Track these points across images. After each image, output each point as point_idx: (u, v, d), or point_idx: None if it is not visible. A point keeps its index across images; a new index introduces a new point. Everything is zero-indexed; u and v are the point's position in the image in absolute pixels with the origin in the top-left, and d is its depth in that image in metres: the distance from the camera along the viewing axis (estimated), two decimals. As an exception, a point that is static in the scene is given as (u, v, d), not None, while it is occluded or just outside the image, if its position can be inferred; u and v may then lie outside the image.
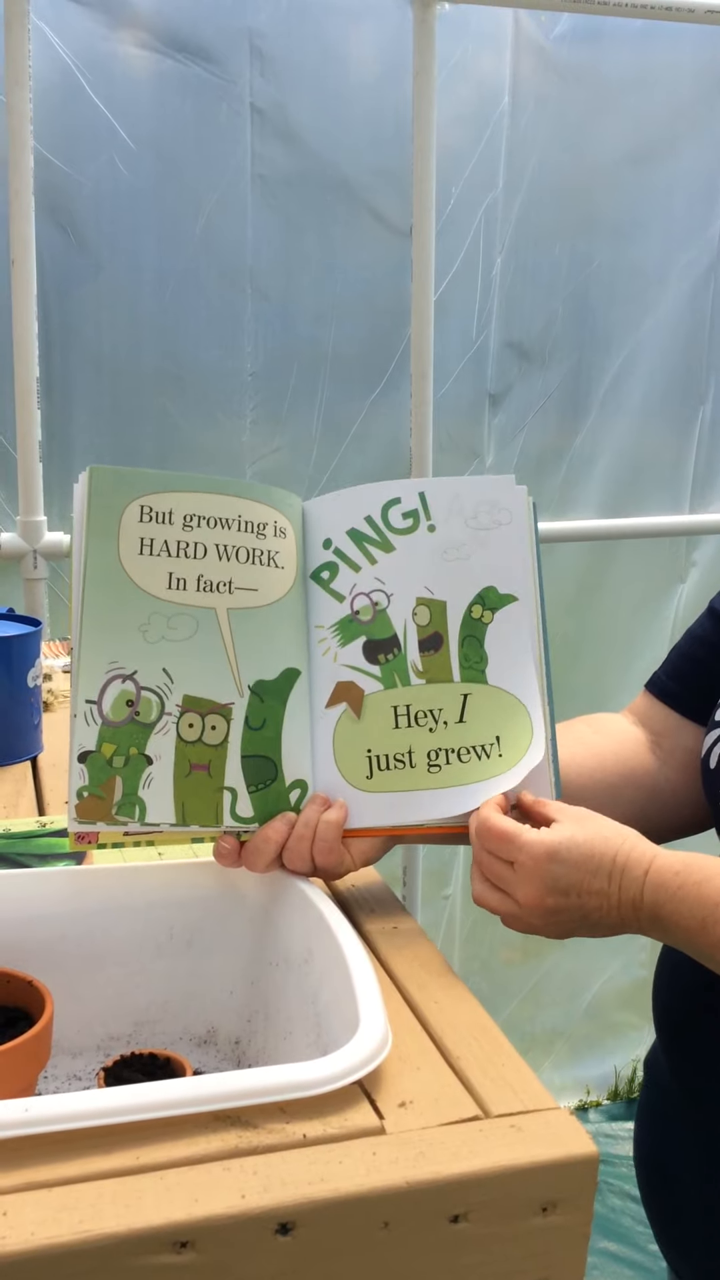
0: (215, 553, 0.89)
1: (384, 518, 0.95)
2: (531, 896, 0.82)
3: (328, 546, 0.95)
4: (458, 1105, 0.68)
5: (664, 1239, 1.02)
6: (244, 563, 0.90)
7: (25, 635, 1.27)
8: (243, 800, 0.88)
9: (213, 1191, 0.59)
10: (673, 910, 0.80)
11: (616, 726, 1.09)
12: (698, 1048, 0.96)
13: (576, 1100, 2.54)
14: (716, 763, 0.94)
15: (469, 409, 2.15)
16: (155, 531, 0.87)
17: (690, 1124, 0.97)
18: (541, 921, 0.83)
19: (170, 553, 0.87)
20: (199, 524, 0.89)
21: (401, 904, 0.96)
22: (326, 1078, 0.66)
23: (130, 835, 0.86)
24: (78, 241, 1.86)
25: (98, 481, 0.87)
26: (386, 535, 0.94)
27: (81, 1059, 0.91)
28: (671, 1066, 1.00)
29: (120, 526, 0.87)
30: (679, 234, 2.20)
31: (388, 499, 0.95)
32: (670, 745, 1.05)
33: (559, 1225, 0.64)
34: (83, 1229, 0.56)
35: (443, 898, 2.36)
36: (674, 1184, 0.98)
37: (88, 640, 0.85)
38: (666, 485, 2.32)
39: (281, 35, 1.88)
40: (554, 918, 0.83)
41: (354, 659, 0.93)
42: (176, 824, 0.87)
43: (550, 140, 2.07)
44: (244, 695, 0.89)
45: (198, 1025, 0.93)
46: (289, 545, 0.93)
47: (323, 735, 0.93)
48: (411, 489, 0.95)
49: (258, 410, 2.01)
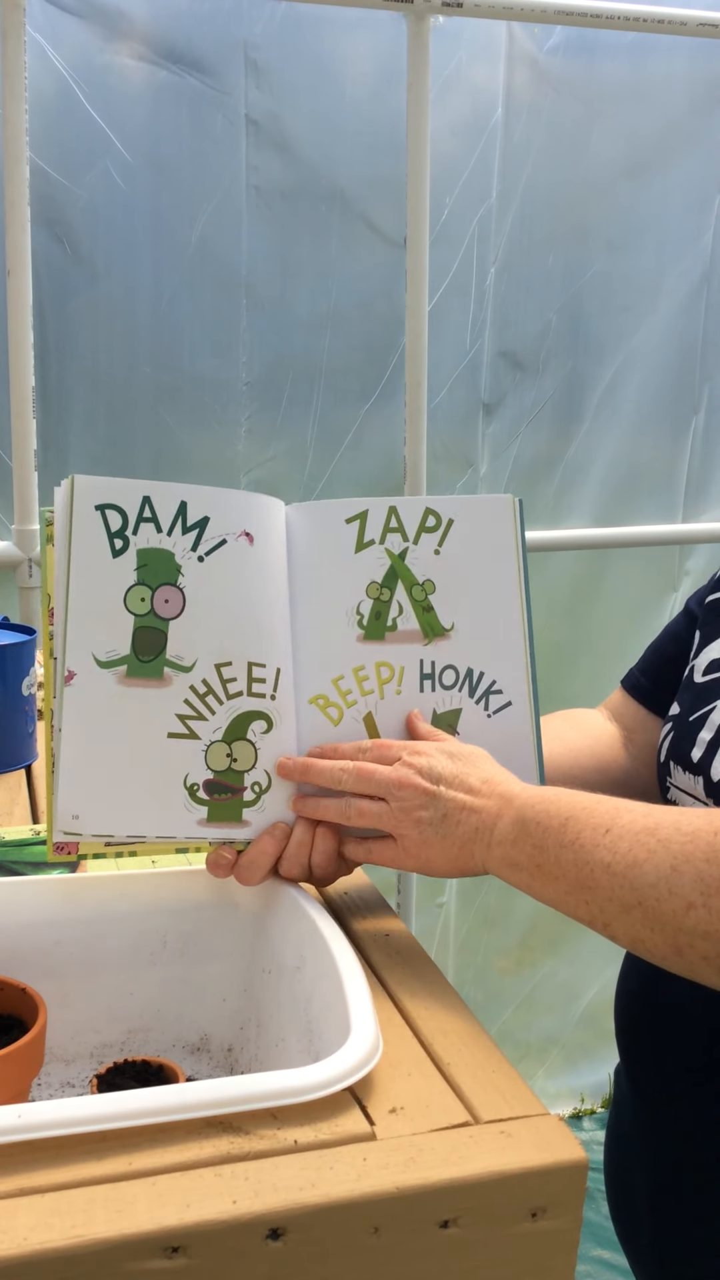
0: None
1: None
2: (404, 784, 0.85)
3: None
4: (448, 1111, 0.69)
5: (627, 1249, 1.03)
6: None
7: (20, 644, 1.28)
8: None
9: (204, 1197, 0.60)
10: (542, 810, 0.80)
11: (593, 722, 1.10)
12: (644, 1056, 0.97)
13: (571, 1108, 2.54)
14: (665, 755, 0.95)
15: (463, 418, 2.16)
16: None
17: (643, 1132, 0.97)
18: (411, 816, 0.85)
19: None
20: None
21: (393, 910, 0.97)
22: (317, 1084, 0.66)
23: (112, 845, 0.87)
24: (73, 252, 1.87)
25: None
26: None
27: (75, 1066, 0.91)
28: (628, 1076, 1.01)
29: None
30: (672, 244, 2.21)
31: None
32: (640, 741, 1.07)
33: (548, 1230, 0.65)
34: (75, 1234, 0.57)
35: (436, 905, 2.36)
36: (632, 1194, 0.99)
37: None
38: (660, 494, 2.33)
39: (276, 47, 1.89)
40: (423, 812, 0.85)
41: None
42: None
43: (543, 151, 2.08)
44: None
45: (191, 1033, 0.94)
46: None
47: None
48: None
49: (253, 419, 2.02)
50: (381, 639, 0.93)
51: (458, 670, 0.95)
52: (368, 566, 0.93)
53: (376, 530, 0.94)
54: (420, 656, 0.94)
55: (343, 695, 0.93)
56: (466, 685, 0.95)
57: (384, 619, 0.93)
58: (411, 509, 0.94)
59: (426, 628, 0.94)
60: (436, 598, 0.94)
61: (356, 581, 0.93)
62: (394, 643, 0.94)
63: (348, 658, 0.93)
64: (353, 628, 0.93)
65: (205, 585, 0.88)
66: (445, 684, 0.95)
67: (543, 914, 2.41)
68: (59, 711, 0.85)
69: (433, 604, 0.94)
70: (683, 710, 0.96)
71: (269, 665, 0.90)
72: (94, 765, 0.85)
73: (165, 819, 0.87)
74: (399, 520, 0.94)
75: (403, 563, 0.94)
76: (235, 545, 0.89)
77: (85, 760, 0.85)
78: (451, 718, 0.95)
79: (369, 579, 0.93)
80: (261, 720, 0.90)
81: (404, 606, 0.94)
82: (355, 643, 0.93)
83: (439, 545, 0.94)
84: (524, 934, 2.44)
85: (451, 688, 0.95)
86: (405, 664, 0.94)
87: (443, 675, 0.95)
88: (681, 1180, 0.91)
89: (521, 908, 2.41)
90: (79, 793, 0.85)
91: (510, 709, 0.96)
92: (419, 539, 0.94)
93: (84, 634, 0.85)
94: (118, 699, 0.86)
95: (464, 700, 0.95)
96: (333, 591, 0.93)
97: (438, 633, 0.94)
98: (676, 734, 0.95)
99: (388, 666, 0.94)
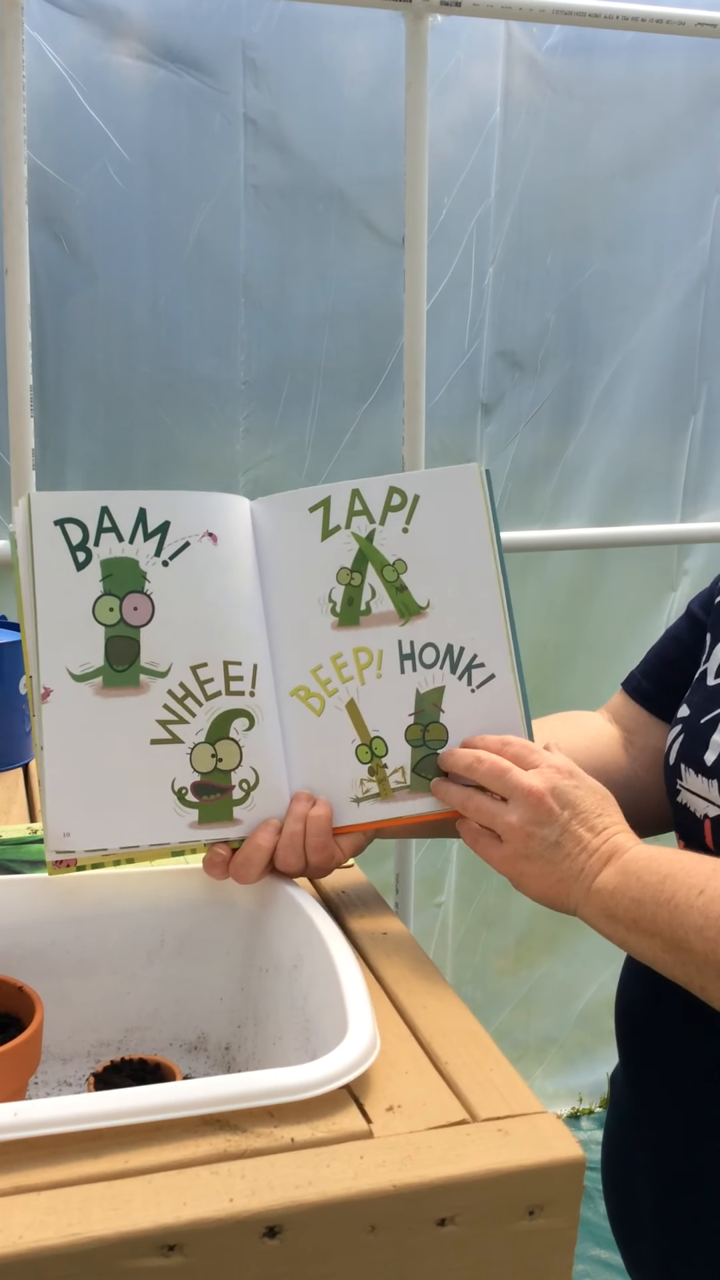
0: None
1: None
2: (534, 795, 0.85)
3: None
4: (445, 1109, 0.69)
5: (626, 1254, 1.02)
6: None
7: (16, 642, 1.27)
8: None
9: (201, 1195, 0.60)
10: (644, 866, 0.81)
11: (592, 723, 1.10)
12: (647, 1059, 0.97)
13: (569, 1108, 2.54)
14: (675, 758, 0.95)
15: (461, 418, 2.16)
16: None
17: (645, 1138, 0.97)
18: (525, 829, 0.85)
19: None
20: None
21: (390, 908, 0.97)
22: (314, 1082, 0.66)
23: (109, 856, 0.87)
24: (71, 251, 1.87)
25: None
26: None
27: (71, 1065, 0.91)
28: (628, 1080, 1.00)
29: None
30: (670, 244, 2.21)
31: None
32: (641, 743, 1.07)
33: (545, 1228, 0.65)
34: (71, 1232, 0.57)
35: (435, 905, 2.36)
36: (632, 1198, 0.99)
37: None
38: (658, 494, 2.33)
39: (275, 46, 1.89)
40: (538, 829, 0.85)
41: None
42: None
43: (542, 151, 2.08)
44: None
45: (188, 1031, 0.94)
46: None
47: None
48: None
49: (251, 419, 2.02)
50: (356, 624, 0.93)
51: (437, 648, 0.94)
52: (336, 553, 0.93)
53: (341, 515, 0.93)
54: (398, 638, 0.94)
55: (323, 685, 0.93)
56: (448, 662, 0.94)
57: (357, 604, 0.93)
58: (375, 490, 0.94)
59: (401, 608, 0.94)
60: (409, 576, 0.94)
61: (326, 569, 0.93)
62: (370, 626, 0.93)
63: (325, 647, 0.93)
64: (326, 616, 0.93)
65: (172, 589, 0.88)
66: (426, 663, 0.94)
67: (541, 915, 2.41)
68: (39, 730, 0.85)
69: (406, 583, 0.94)
70: (693, 712, 0.96)
71: (245, 663, 0.90)
72: (81, 781, 0.85)
73: (157, 826, 0.87)
74: (363, 503, 0.94)
75: (371, 545, 0.93)
76: (199, 547, 0.89)
77: (71, 777, 0.85)
78: (435, 696, 0.94)
79: (338, 565, 0.93)
80: (243, 718, 0.90)
81: (376, 589, 0.93)
82: (330, 631, 0.93)
83: (406, 523, 0.94)
84: (522, 934, 2.44)
85: (432, 666, 0.94)
86: (383, 647, 0.94)
87: (423, 654, 0.94)
88: (684, 1182, 0.91)
89: (519, 908, 2.41)
90: (68, 810, 0.85)
91: (494, 681, 0.95)
92: (385, 519, 0.94)
93: (56, 649, 0.85)
94: (97, 711, 0.86)
95: (446, 677, 0.94)
96: (303, 582, 0.93)
97: (414, 612, 0.94)
98: (687, 737, 0.94)
99: (366, 651, 0.93)
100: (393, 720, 0.93)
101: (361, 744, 0.93)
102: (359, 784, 0.93)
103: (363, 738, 0.93)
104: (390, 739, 0.93)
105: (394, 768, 0.93)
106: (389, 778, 0.93)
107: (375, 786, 0.93)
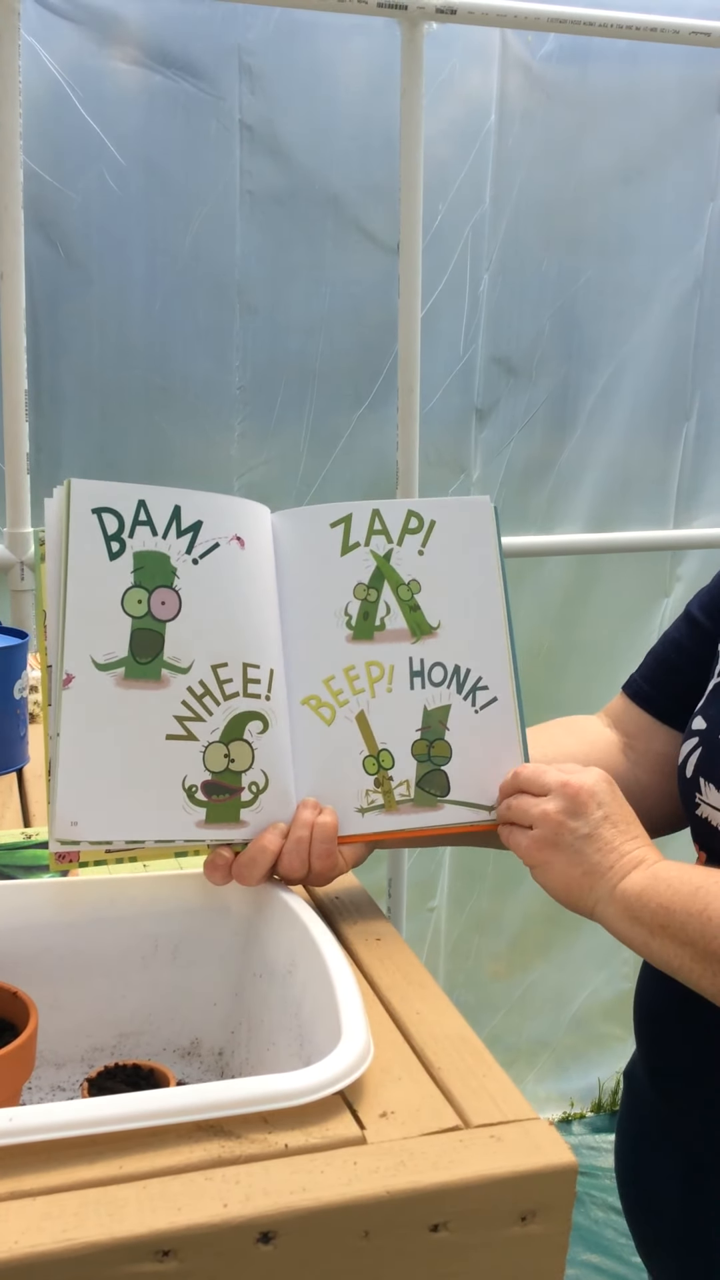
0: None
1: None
2: (573, 789, 0.87)
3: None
4: (438, 1115, 0.69)
5: (644, 1250, 1.03)
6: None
7: (12, 647, 1.28)
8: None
9: (195, 1201, 0.60)
10: (676, 875, 0.82)
11: (591, 728, 1.10)
12: (675, 1057, 0.97)
13: (560, 1112, 2.54)
14: (693, 771, 0.95)
15: (456, 423, 2.16)
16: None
17: (668, 1135, 0.97)
18: (558, 818, 0.86)
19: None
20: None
21: (383, 913, 0.97)
22: (308, 1088, 0.66)
23: (113, 853, 0.87)
24: (67, 255, 1.87)
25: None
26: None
27: (65, 1070, 0.91)
28: (650, 1076, 1.00)
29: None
30: (665, 251, 2.22)
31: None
32: (643, 748, 1.07)
33: (538, 1234, 0.65)
34: (66, 1238, 0.57)
35: (428, 910, 2.36)
36: (653, 1197, 0.99)
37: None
38: (652, 500, 2.34)
39: (270, 52, 1.89)
40: (571, 819, 0.86)
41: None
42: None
43: (537, 157, 2.09)
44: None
45: (182, 1037, 0.94)
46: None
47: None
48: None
49: (245, 423, 2.02)
50: (370, 639, 0.94)
51: (445, 667, 0.96)
52: (354, 568, 0.94)
53: (361, 533, 0.95)
54: (409, 654, 0.95)
55: (334, 695, 0.93)
56: (454, 682, 0.96)
57: (372, 619, 0.94)
58: (394, 511, 0.96)
59: (414, 626, 0.95)
60: (422, 596, 0.95)
61: (344, 583, 0.94)
62: (383, 642, 0.95)
63: (338, 658, 0.94)
64: (342, 628, 0.94)
65: (200, 587, 0.88)
66: (434, 681, 0.96)
67: (534, 919, 2.42)
68: (56, 717, 0.85)
69: (419, 603, 0.95)
70: (710, 725, 0.96)
71: (263, 666, 0.90)
72: (93, 770, 0.85)
73: (164, 822, 0.87)
74: (383, 523, 0.95)
75: (388, 563, 0.95)
76: (228, 549, 0.89)
77: (84, 765, 0.85)
78: (441, 714, 0.95)
79: (356, 580, 0.94)
80: (257, 720, 0.90)
81: (391, 606, 0.95)
82: (345, 643, 0.94)
83: (422, 546, 0.96)
84: (515, 938, 2.45)
85: (440, 684, 0.96)
86: (395, 662, 0.95)
87: (431, 672, 0.95)
88: (711, 1169, 0.91)
89: (512, 912, 2.41)
90: (78, 798, 0.85)
91: (496, 704, 0.97)
92: (403, 540, 0.95)
93: (82, 636, 0.85)
94: (117, 702, 0.86)
95: (452, 696, 0.96)
96: (321, 594, 0.94)
97: (425, 631, 0.95)
98: (706, 750, 0.94)
99: (378, 665, 0.94)
100: (401, 734, 0.94)
101: (369, 755, 0.94)
102: (364, 794, 0.93)
103: (371, 749, 0.94)
104: (397, 752, 0.94)
105: (399, 780, 0.94)
106: (394, 790, 0.94)
107: (380, 798, 0.94)
